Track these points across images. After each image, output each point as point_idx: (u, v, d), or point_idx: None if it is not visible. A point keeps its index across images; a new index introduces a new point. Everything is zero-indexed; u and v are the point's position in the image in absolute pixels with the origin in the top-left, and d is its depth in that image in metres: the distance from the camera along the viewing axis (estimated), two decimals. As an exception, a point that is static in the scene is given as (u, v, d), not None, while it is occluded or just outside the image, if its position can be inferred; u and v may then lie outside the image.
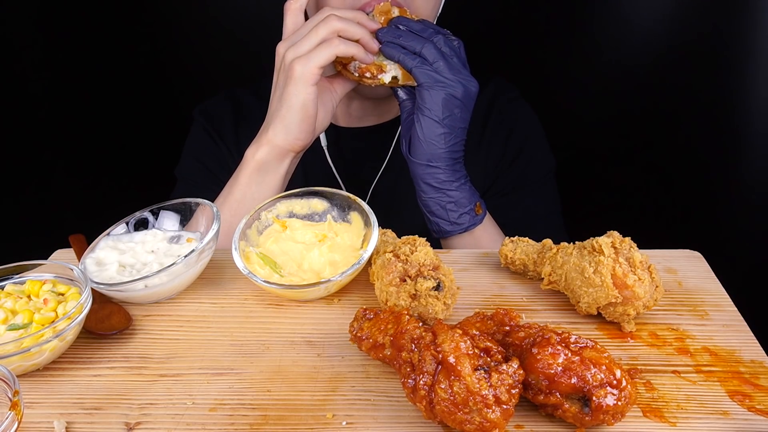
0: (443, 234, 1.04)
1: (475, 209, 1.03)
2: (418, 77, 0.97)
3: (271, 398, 0.67)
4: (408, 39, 0.98)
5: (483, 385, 0.57)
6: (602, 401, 0.58)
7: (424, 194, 1.02)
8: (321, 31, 0.96)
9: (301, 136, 1.00)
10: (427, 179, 1.01)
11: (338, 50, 0.96)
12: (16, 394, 0.59)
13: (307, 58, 0.95)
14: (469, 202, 1.02)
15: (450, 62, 0.97)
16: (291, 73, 0.96)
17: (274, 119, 1.00)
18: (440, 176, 1.00)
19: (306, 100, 0.97)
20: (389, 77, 1.01)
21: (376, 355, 0.68)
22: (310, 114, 0.99)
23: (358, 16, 0.99)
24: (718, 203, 1.49)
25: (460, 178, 1.02)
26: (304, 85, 0.96)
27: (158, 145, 1.68)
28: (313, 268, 0.84)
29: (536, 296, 0.82)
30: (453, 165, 1.01)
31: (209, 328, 0.78)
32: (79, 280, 0.78)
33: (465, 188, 1.02)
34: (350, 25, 0.96)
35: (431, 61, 0.97)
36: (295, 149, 1.02)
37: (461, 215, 1.02)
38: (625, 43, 1.56)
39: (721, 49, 1.39)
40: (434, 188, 1.01)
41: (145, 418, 0.65)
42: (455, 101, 0.98)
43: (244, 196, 1.02)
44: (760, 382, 0.67)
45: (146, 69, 1.74)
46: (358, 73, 1.01)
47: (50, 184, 1.77)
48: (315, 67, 0.95)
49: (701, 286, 0.83)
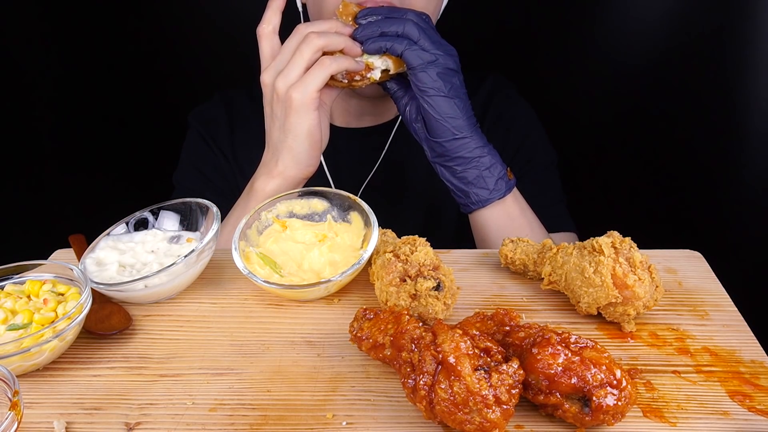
0: (482, 203, 1.02)
1: (507, 174, 1.03)
2: (410, 60, 0.96)
3: (271, 398, 0.67)
4: (386, 25, 0.96)
5: (483, 385, 0.57)
6: (602, 401, 0.58)
7: (459, 168, 1.00)
8: (305, 52, 0.93)
9: (311, 162, 0.99)
10: (458, 152, 0.99)
11: (331, 69, 0.94)
12: (16, 394, 0.59)
13: (302, 84, 0.93)
14: (502, 166, 1.02)
15: (430, 35, 0.97)
16: (290, 103, 0.94)
17: (281, 151, 0.98)
18: (470, 144, 0.99)
19: (311, 127, 0.96)
20: (378, 73, 0.99)
21: (376, 355, 0.68)
22: (317, 140, 0.97)
23: (334, 25, 0.97)
24: (719, 203, 1.49)
25: (488, 143, 1.01)
26: (306, 111, 0.94)
27: (156, 144, 1.68)
28: (313, 268, 0.84)
29: (536, 296, 0.82)
30: (476, 130, 1.00)
31: (209, 328, 0.78)
32: (79, 280, 0.77)
33: (494, 152, 1.02)
34: (331, 38, 0.94)
35: (415, 39, 0.95)
36: (306, 177, 1.01)
37: (497, 181, 1.01)
38: (625, 43, 1.56)
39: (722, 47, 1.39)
40: (467, 159, 1.00)
41: (145, 418, 0.65)
42: (450, 72, 0.97)
43: None
44: (761, 382, 0.67)
45: (143, 69, 1.74)
46: (347, 79, 0.99)
47: (48, 183, 1.77)
48: (313, 92, 0.93)
49: (701, 286, 0.83)
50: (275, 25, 0.98)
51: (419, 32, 0.96)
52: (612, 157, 1.66)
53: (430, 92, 0.97)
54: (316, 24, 0.97)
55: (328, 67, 0.93)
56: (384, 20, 0.96)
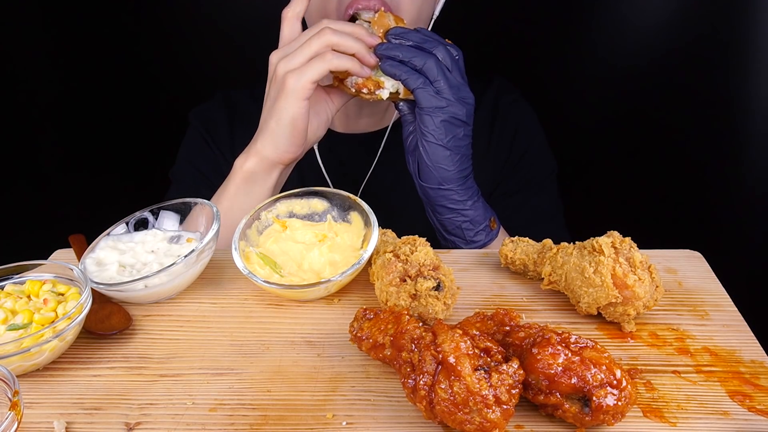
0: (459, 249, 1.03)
1: (490, 225, 1.02)
2: (420, 100, 0.95)
3: (271, 398, 0.67)
4: (409, 53, 0.94)
5: (483, 385, 0.57)
6: (602, 401, 0.58)
7: (439, 214, 1.01)
8: (314, 44, 0.94)
9: (290, 149, 0.99)
10: (441, 201, 1.00)
11: (331, 65, 0.93)
12: (16, 394, 0.59)
13: (300, 72, 0.94)
14: (484, 218, 1.01)
15: (450, 79, 0.95)
16: (283, 87, 0.95)
17: (264, 131, 0.99)
18: (454, 197, 0.99)
19: (296, 115, 0.96)
20: (387, 93, 0.98)
21: (376, 355, 0.68)
22: (300, 129, 0.98)
23: (356, 30, 0.96)
24: (719, 203, 1.49)
25: (473, 196, 1.01)
26: (296, 99, 0.95)
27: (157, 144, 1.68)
28: (313, 268, 0.84)
29: (536, 296, 0.82)
30: (464, 183, 1.00)
31: (209, 328, 0.78)
32: (79, 280, 0.77)
33: (479, 205, 1.01)
34: (345, 38, 0.94)
35: (432, 80, 0.94)
36: (283, 162, 1.01)
37: (477, 233, 1.01)
38: (624, 45, 1.56)
39: (721, 49, 1.39)
40: (449, 209, 1.00)
41: (145, 418, 0.65)
42: (457, 122, 0.96)
43: (231, 206, 1.01)
44: (761, 382, 0.67)
45: (143, 69, 1.74)
46: (355, 89, 0.99)
47: (48, 183, 1.77)
48: (308, 81, 0.94)
49: (701, 286, 0.83)
50: (299, 12, 0.99)
51: (438, 72, 0.94)
52: (612, 158, 1.66)
53: (429, 137, 0.96)
54: (340, 23, 0.96)
55: (328, 61, 0.93)
56: (411, 48, 0.95)
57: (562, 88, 1.66)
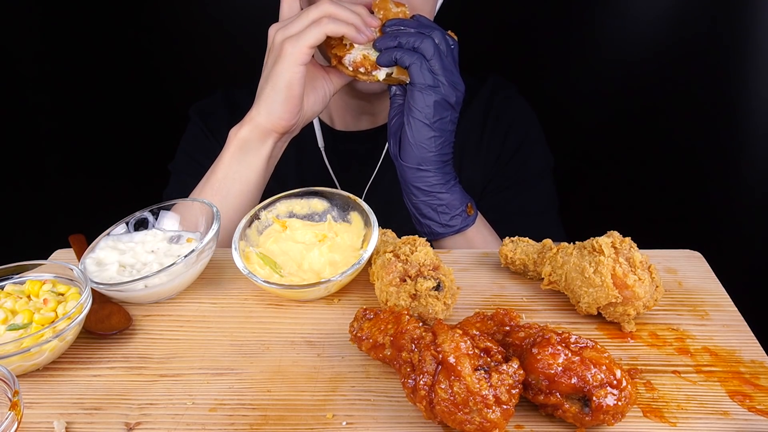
0: (434, 236, 1.03)
1: (467, 210, 1.02)
2: (413, 75, 0.96)
3: (271, 398, 0.67)
4: (406, 36, 0.96)
5: (483, 385, 0.57)
6: (602, 401, 0.58)
7: (414, 197, 1.01)
8: (312, 13, 0.95)
9: (284, 116, 0.99)
10: (417, 183, 1.00)
11: (328, 29, 0.94)
12: (16, 394, 0.59)
13: (297, 38, 0.95)
14: (461, 203, 1.01)
15: (444, 61, 0.96)
16: (281, 53, 0.96)
17: (259, 98, 1.00)
18: (430, 179, 0.99)
19: (292, 79, 0.96)
20: (383, 74, 0.99)
21: (376, 355, 0.68)
22: (295, 94, 0.98)
23: (357, 8, 0.97)
24: (719, 203, 1.49)
25: (450, 180, 1.01)
26: (292, 64, 0.95)
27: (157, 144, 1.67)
28: (313, 268, 0.84)
29: (536, 296, 0.82)
30: (443, 168, 1.00)
31: (209, 328, 0.78)
32: (79, 280, 0.77)
33: (455, 190, 1.01)
34: (343, 10, 0.95)
35: (428, 58, 0.95)
36: (277, 129, 1.00)
37: (453, 217, 1.01)
38: (624, 42, 1.56)
39: (721, 48, 1.39)
40: (424, 191, 1.00)
41: (145, 418, 0.65)
42: (446, 105, 0.97)
43: (225, 175, 1.01)
44: (761, 382, 0.67)
45: (143, 68, 1.74)
46: (353, 68, 0.99)
47: (48, 183, 1.77)
48: (305, 46, 0.95)
49: (701, 286, 0.83)
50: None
51: (434, 52, 0.95)
52: (612, 157, 1.66)
53: (416, 113, 0.97)
54: (342, 4, 0.97)
55: (325, 25, 0.94)
56: (409, 32, 0.96)
57: (562, 87, 1.66)
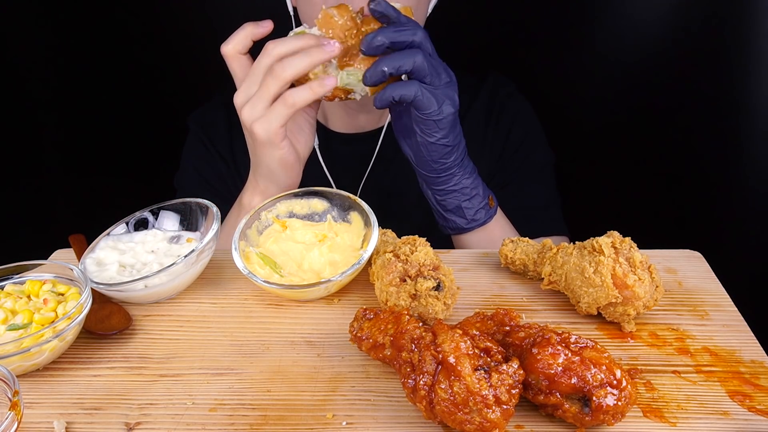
0: (459, 231, 1.03)
1: (489, 203, 1.02)
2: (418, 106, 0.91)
3: (271, 398, 0.67)
4: (393, 61, 0.88)
5: (483, 385, 0.57)
6: (602, 401, 0.58)
7: (438, 196, 1.01)
8: (271, 86, 0.89)
9: (290, 181, 0.99)
10: (440, 185, 0.99)
11: (296, 107, 0.89)
12: (16, 394, 0.59)
13: (266, 121, 0.91)
14: (483, 197, 1.01)
15: (436, 69, 0.91)
16: (255, 137, 0.93)
17: (259, 174, 0.99)
18: (453, 180, 0.99)
19: (281, 158, 0.95)
20: (359, 96, 0.94)
21: (376, 355, 0.68)
22: (290, 165, 0.97)
23: (306, 42, 0.90)
24: (719, 203, 1.49)
25: (472, 173, 1.00)
26: (272, 146, 0.93)
27: (156, 144, 1.68)
28: (313, 268, 0.84)
29: (536, 296, 0.82)
30: (462, 164, 0.99)
31: (209, 328, 0.78)
32: (79, 280, 0.77)
33: (477, 183, 1.01)
34: (299, 62, 0.88)
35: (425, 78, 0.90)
36: (292, 188, 1.00)
37: (477, 211, 1.01)
38: (624, 42, 1.55)
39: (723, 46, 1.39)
40: (448, 191, 1.00)
41: (145, 418, 0.65)
42: (449, 117, 0.94)
43: None
44: (760, 382, 0.67)
45: (143, 69, 1.73)
46: (327, 99, 0.95)
47: (48, 183, 1.77)
48: (277, 128, 0.91)
49: (701, 286, 0.83)
50: (239, 49, 0.94)
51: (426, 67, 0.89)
52: (611, 157, 1.65)
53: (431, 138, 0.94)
54: (287, 42, 0.90)
55: (291, 106, 0.90)
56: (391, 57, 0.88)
57: (562, 87, 1.66)
